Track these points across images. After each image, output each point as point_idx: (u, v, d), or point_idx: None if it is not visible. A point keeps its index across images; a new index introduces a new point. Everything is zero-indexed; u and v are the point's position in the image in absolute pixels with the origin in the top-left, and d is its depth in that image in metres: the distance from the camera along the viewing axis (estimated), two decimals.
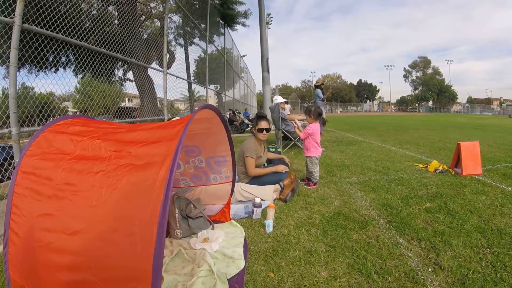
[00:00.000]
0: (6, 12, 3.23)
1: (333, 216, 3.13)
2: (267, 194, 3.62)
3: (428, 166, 5.12)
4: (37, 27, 3.47)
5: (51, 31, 3.76)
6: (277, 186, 3.77)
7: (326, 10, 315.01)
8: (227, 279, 2.02)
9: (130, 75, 11.40)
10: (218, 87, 16.65)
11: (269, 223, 2.84)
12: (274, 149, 5.47)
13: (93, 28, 5.22)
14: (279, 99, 7.84)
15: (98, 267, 1.37)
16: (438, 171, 4.84)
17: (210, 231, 2.75)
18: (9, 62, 3.09)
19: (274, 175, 3.99)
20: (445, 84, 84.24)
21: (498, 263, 2.20)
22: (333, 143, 9.05)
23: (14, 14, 3.12)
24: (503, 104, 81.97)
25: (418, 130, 13.79)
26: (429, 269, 2.16)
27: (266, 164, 4.52)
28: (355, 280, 2.03)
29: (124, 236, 1.36)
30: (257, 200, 3.22)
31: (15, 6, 3.13)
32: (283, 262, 2.26)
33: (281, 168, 4.02)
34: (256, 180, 3.94)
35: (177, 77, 8.83)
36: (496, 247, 2.44)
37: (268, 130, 4.05)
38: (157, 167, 1.43)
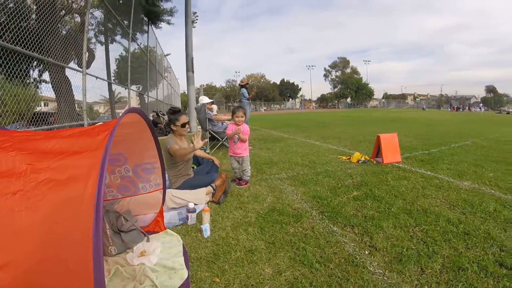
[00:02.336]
0: None
1: (268, 212, 3.19)
2: (199, 198, 3.55)
3: (351, 157, 5.45)
4: None
5: None
6: (209, 188, 3.71)
7: (253, 11, 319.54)
8: None
9: (46, 76, 10.53)
10: (140, 88, 16.05)
11: (206, 227, 2.80)
12: (202, 150, 5.39)
13: (9, 23, 4.75)
14: (205, 99, 7.77)
15: None
16: (361, 161, 5.17)
17: (145, 244, 2.61)
18: None
19: (205, 177, 3.94)
20: (363, 82, 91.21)
21: (428, 239, 2.43)
22: (260, 141, 9.23)
23: None
24: (416, 99, 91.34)
25: (339, 125, 14.65)
26: (366, 252, 2.30)
27: (194, 166, 4.47)
28: (299, 272, 2.09)
29: (57, 264, 1.23)
30: (191, 205, 3.14)
31: None
32: (226, 265, 2.24)
33: (199, 144, 3.63)
34: (187, 184, 3.85)
35: (97, 77, 8.34)
36: (424, 225, 2.70)
37: (188, 123, 3.96)
38: (83, 181, 1.30)
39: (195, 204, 3.30)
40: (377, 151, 5.23)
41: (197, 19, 25.33)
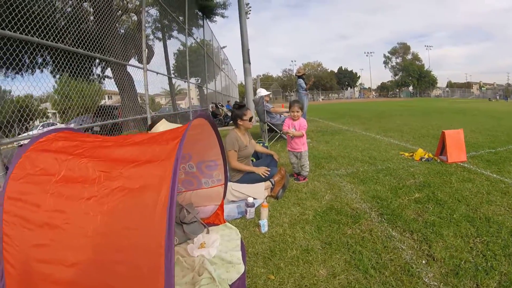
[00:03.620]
0: None
1: (325, 211, 3.18)
2: (258, 192, 3.62)
3: (414, 154, 5.22)
4: (11, 31, 3.29)
5: (25, 34, 3.58)
6: (268, 183, 3.78)
7: None
8: (229, 285, 2.02)
9: (109, 71, 11.19)
10: (199, 80, 16.47)
11: (264, 222, 2.86)
12: (261, 144, 5.46)
13: (69, 27, 5.05)
14: (262, 91, 7.84)
15: None
16: (424, 159, 4.94)
17: (205, 235, 2.73)
18: None
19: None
20: (425, 69, 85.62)
21: (488, 252, 2.27)
22: (318, 133, 9.14)
23: None
24: (482, 88, 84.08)
25: (401, 116, 14.03)
26: (423, 261, 2.22)
27: (253, 160, 4.52)
28: (353, 276, 2.07)
29: (130, 269, 1.31)
30: (250, 199, 3.23)
31: None
32: (282, 263, 2.28)
33: (261, 170, 3.91)
34: (247, 177, 3.93)
35: (157, 73, 8.65)
36: (485, 236, 2.52)
37: (251, 118, 4.08)
38: (155, 191, 1.35)
39: (254, 199, 3.38)
40: (442, 148, 4.96)
41: (250, 10, 25.32)
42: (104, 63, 8.95)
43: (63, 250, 1.41)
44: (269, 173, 3.93)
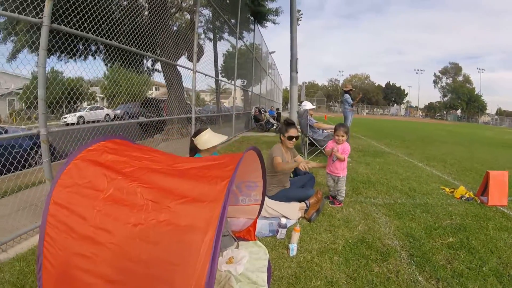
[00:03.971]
0: (35, 12, 3.12)
1: (356, 243, 3.16)
2: (292, 212, 3.66)
3: (455, 191, 5.04)
4: (67, 26, 3.43)
5: (81, 30, 3.74)
6: (303, 204, 3.81)
7: (356, 8, 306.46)
8: None
9: (159, 65, 11.57)
10: (245, 82, 16.65)
11: (293, 247, 2.90)
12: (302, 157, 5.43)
13: (124, 19, 5.18)
14: (308, 105, 7.84)
15: None
16: (464, 198, 4.76)
17: (234, 250, 2.81)
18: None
19: (301, 192, 4.02)
20: (475, 93, 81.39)
21: None
22: (359, 153, 8.98)
23: (42, 14, 3.04)
24: None
25: (445, 143, 13.48)
26: None
27: (291, 176, 4.53)
28: None
29: None
30: (283, 221, 3.27)
31: (43, 6, 3.04)
32: None
33: (303, 164, 3.86)
34: (283, 194, 3.98)
35: (206, 75, 8.86)
36: None
37: (297, 138, 4.07)
38: (202, 233, 1.38)
39: (287, 219, 3.42)
40: (484, 188, 4.75)
41: (301, 17, 25.15)
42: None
43: (104, 266, 1.48)
44: (308, 166, 3.91)
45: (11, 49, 8.62)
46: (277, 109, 19.17)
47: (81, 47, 9.73)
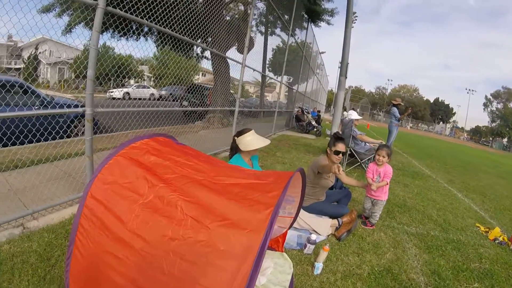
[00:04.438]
0: None
1: (382, 272, 3.12)
2: (323, 228, 3.66)
3: (489, 232, 4.84)
4: (121, 10, 3.47)
5: (135, 15, 3.79)
6: (335, 221, 3.78)
7: (413, 16, 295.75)
8: None
9: (208, 53, 11.75)
10: (291, 79, 16.56)
11: (319, 266, 2.91)
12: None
13: (178, 6, 5.21)
14: (353, 115, 7.72)
15: None
16: (497, 241, 4.56)
17: None
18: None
19: (335, 208, 4.03)
20: None
21: None
22: (398, 172, 8.72)
23: None
24: None
25: (488, 174, 12.84)
26: None
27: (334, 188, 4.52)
28: None
29: None
30: (313, 237, 3.27)
31: None
32: None
33: (335, 167, 3.62)
34: (316, 206, 3.99)
35: (254, 69, 8.85)
36: None
37: (344, 154, 4.00)
38: (238, 262, 1.35)
39: (317, 234, 3.44)
40: None
41: (355, 20, 24.44)
42: (205, 44, 9.28)
43: (135, 271, 1.50)
44: (341, 170, 3.81)
45: (66, 22, 9.04)
46: (318, 111, 18.90)
47: (134, 27, 10.04)
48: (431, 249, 3.87)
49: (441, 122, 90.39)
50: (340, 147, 3.91)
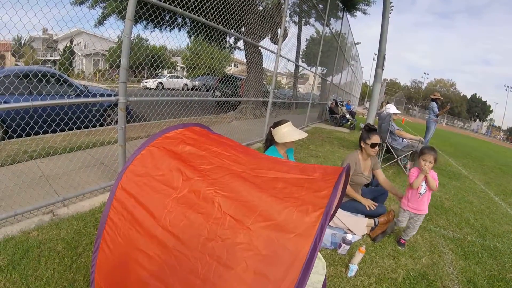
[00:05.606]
0: None
1: (417, 277, 3.02)
2: (359, 227, 3.57)
3: None
4: None
5: (169, 3, 3.74)
6: (371, 221, 3.67)
7: (452, 8, 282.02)
8: None
9: (241, 43, 11.70)
10: (325, 71, 16.30)
11: (354, 268, 2.84)
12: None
13: None
14: (392, 109, 7.43)
15: None
16: None
17: None
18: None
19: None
20: None
21: None
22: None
23: None
24: None
25: None
26: None
27: (370, 186, 4.40)
28: None
29: None
30: (349, 237, 3.17)
31: None
32: None
33: (368, 202, 3.81)
34: (351, 205, 3.88)
35: (288, 60, 8.74)
36: None
37: (380, 145, 3.87)
38: (283, 271, 1.21)
39: (352, 234, 3.38)
40: None
41: (392, 9, 23.71)
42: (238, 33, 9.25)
43: (167, 272, 1.39)
44: (375, 207, 3.80)
45: (100, 14, 9.21)
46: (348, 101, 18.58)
47: (167, 18, 10.10)
48: (468, 256, 3.73)
49: (477, 120, 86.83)
50: (375, 139, 3.76)
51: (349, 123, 14.53)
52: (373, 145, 3.77)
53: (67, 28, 3.22)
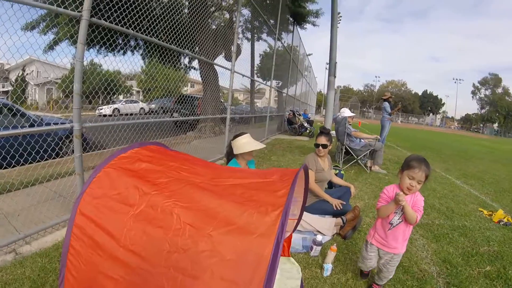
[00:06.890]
0: (74, 5, 3.13)
1: None
2: (327, 227, 3.57)
3: (493, 214, 4.83)
4: (106, 21, 3.41)
5: (121, 25, 3.73)
6: (339, 220, 3.69)
7: (398, 12, 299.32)
8: None
9: (196, 63, 11.70)
10: (280, 84, 16.57)
11: (328, 267, 2.81)
12: (337, 171, 5.34)
13: (164, 17, 5.19)
14: (346, 112, 7.73)
15: None
16: (502, 223, 4.55)
17: None
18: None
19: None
20: None
21: None
22: (395, 165, 8.59)
23: (82, 8, 3.02)
24: None
25: (483, 160, 12.89)
26: None
27: (326, 187, 4.43)
28: None
29: None
30: (319, 237, 3.16)
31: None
32: None
33: (335, 202, 3.89)
34: (317, 207, 3.91)
35: (243, 75, 8.80)
36: None
37: (324, 146, 4.00)
38: (249, 274, 1.19)
39: (322, 235, 3.36)
40: None
41: (340, 20, 24.67)
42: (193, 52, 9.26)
43: None
44: (342, 206, 3.85)
45: (51, 39, 8.94)
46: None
47: (120, 42, 9.98)
48: (438, 238, 3.82)
49: (431, 114, 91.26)
50: (319, 140, 3.98)
51: (307, 131, 14.84)
52: (316, 145, 4.01)
53: (18, 54, 3.07)
